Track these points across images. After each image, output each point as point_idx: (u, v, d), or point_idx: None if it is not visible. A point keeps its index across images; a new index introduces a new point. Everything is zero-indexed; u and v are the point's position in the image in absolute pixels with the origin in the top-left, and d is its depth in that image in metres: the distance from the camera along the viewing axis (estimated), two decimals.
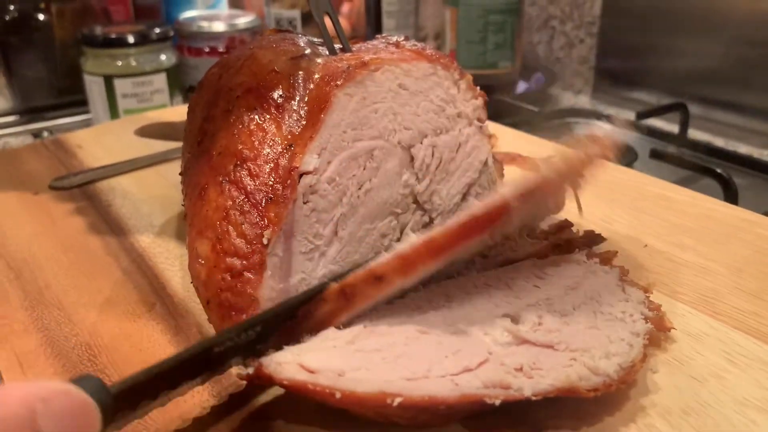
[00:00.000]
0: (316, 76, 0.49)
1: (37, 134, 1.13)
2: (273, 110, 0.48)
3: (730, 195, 0.77)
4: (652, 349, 0.42)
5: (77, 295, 0.50)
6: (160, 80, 1.04)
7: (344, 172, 0.47)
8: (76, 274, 0.53)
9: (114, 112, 1.04)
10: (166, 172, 0.71)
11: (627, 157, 0.90)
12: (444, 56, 0.55)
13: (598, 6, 1.23)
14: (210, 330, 0.46)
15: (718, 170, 0.79)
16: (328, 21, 0.55)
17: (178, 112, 0.88)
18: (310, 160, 0.45)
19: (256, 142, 0.47)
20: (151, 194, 0.66)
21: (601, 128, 1.08)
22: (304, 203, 0.45)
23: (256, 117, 0.48)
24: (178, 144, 0.77)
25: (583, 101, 1.27)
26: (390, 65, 0.50)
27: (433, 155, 0.53)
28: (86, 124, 1.15)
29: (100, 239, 0.58)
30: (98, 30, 1.04)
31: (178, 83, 1.09)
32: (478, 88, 0.57)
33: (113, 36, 1.02)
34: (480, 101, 0.56)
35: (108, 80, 1.02)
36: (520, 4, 1.17)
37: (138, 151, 0.75)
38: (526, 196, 0.41)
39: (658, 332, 0.42)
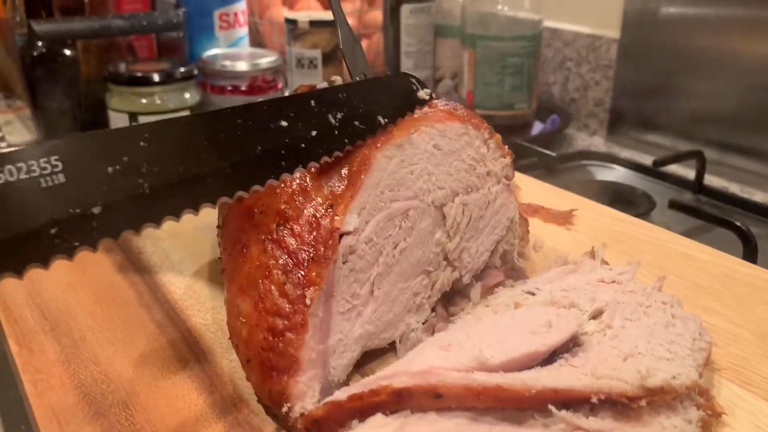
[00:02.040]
0: None
1: None
2: (314, 170, 0.49)
3: (750, 249, 0.78)
4: None
5: (113, 350, 0.51)
6: None
7: (381, 232, 0.49)
8: (111, 327, 0.54)
9: None
10: (194, 218, 0.72)
11: (645, 205, 0.91)
12: (474, 115, 0.57)
13: (613, 50, 1.25)
14: (245, 388, 0.47)
15: (738, 223, 0.80)
16: None
17: None
18: (350, 221, 0.46)
19: (298, 202, 0.48)
20: (181, 242, 0.67)
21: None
22: (344, 263, 0.46)
23: (298, 176, 0.49)
24: None
25: (598, 143, 1.28)
26: (426, 126, 0.51)
27: (463, 213, 0.55)
28: None
29: (133, 289, 0.59)
30: (124, 68, 1.06)
31: None
32: (506, 147, 0.59)
33: (139, 74, 1.04)
34: (508, 159, 0.58)
35: (133, 117, 1.04)
36: (538, 47, 1.19)
37: None
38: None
39: (710, 417, 0.43)
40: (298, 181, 0.48)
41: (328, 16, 1.21)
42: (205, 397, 0.46)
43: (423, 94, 0.53)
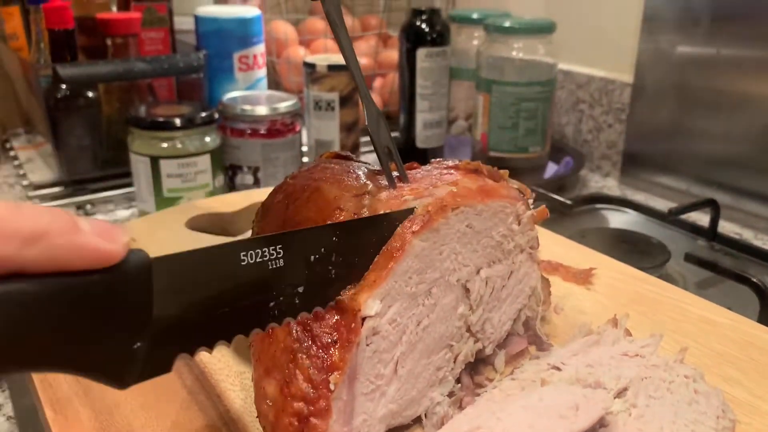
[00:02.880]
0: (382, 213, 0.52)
1: (80, 206, 1.17)
2: None
3: (767, 304, 0.79)
4: None
5: (146, 418, 0.52)
6: (204, 161, 1.08)
7: (404, 312, 0.49)
8: (143, 392, 0.55)
9: (158, 191, 1.07)
10: None
11: (661, 256, 0.92)
12: (511, 187, 0.57)
13: (627, 93, 1.26)
14: None
15: (754, 279, 0.81)
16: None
17: (227, 203, 0.91)
18: (373, 306, 0.47)
19: None
20: None
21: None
22: (367, 345, 0.47)
23: None
24: (230, 239, 0.80)
25: (611, 184, 1.30)
26: (465, 206, 0.52)
27: (486, 285, 0.56)
28: (128, 197, 1.18)
29: None
30: (144, 112, 1.08)
31: (220, 162, 1.12)
32: (541, 205, 0.59)
33: (160, 119, 1.06)
34: (535, 232, 0.59)
35: (154, 161, 1.06)
36: (552, 91, 1.21)
37: (189, 244, 0.78)
38: None
39: None
40: None
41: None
42: None
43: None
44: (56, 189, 1.21)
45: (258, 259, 0.40)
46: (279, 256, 0.41)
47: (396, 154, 0.58)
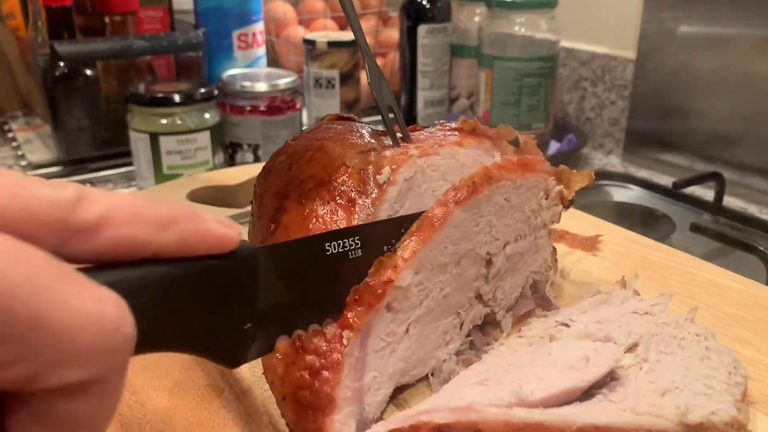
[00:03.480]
0: (386, 169, 0.51)
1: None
2: (346, 203, 0.49)
3: None
4: None
5: (148, 378, 0.51)
6: (204, 138, 1.07)
7: (431, 278, 0.49)
8: (145, 355, 0.54)
9: (158, 168, 1.06)
10: None
11: (666, 228, 0.91)
12: (544, 160, 0.57)
13: (630, 70, 1.25)
14: (280, 419, 0.47)
15: (761, 248, 0.80)
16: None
17: (227, 175, 0.90)
18: (407, 277, 0.46)
19: None
20: None
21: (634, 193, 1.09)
22: (387, 311, 0.46)
23: (329, 210, 0.49)
24: (231, 210, 0.79)
25: (614, 162, 1.29)
26: (507, 180, 0.52)
27: (507, 259, 0.55)
28: (128, 176, 1.17)
29: None
30: (144, 89, 1.07)
31: (220, 140, 1.11)
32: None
33: (159, 95, 1.05)
34: (560, 207, 0.58)
35: (153, 137, 1.05)
36: (554, 68, 1.20)
37: None
38: None
39: None
40: (330, 215, 0.49)
41: (345, 36, 1.23)
42: (242, 427, 0.47)
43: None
44: (55, 169, 1.20)
45: (340, 250, 0.43)
46: (357, 246, 0.44)
47: (399, 114, 0.57)
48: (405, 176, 0.51)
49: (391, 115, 0.56)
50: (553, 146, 1.26)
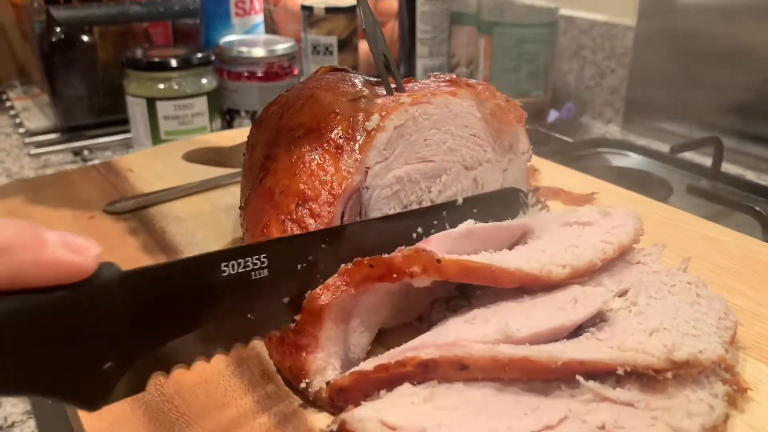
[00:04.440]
0: (375, 116, 0.51)
1: (77, 152, 1.16)
2: (333, 150, 0.50)
3: None
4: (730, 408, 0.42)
5: None
6: (201, 103, 1.07)
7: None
8: None
9: (155, 134, 1.06)
10: (216, 198, 0.73)
11: (662, 191, 0.91)
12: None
13: (630, 38, 1.24)
14: (270, 362, 0.48)
15: (757, 208, 0.80)
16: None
17: (223, 137, 0.90)
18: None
19: (317, 182, 0.48)
20: (203, 221, 0.68)
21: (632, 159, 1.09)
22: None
23: (317, 157, 0.49)
24: (226, 171, 0.79)
25: (613, 131, 1.28)
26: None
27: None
28: (126, 143, 1.17)
29: None
30: (141, 53, 1.07)
31: (218, 106, 1.11)
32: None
33: (156, 60, 1.05)
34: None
35: (150, 102, 1.05)
36: (554, 35, 1.19)
37: (187, 177, 0.77)
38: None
39: (735, 393, 0.43)
40: (317, 161, 0.49)
41: (343, 2, 1.22)
42: (233, 369, 0.47)
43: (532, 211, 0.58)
44: (52, 136, 1.20)
45: (240, 270, 0.38)
46: (263, 265, 0.39)
47: (392, 64, 0.57)
48: (395, 123, 0.51)
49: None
50: (552, 114, 1.26)
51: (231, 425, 0.42)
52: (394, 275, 0.42)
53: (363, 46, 1.26)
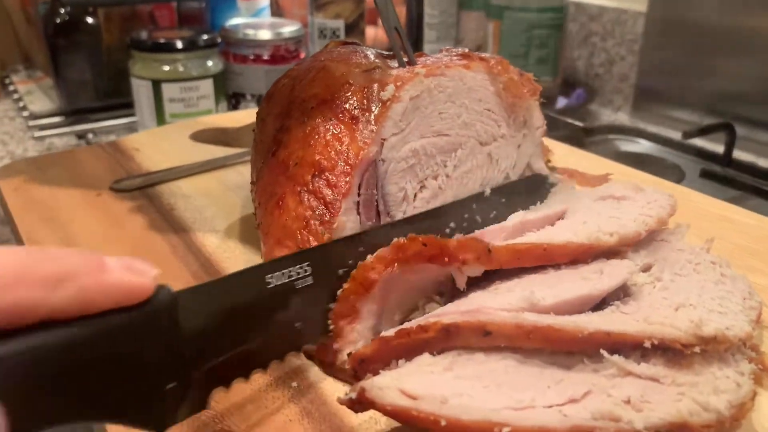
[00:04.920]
0: (390, 86, 0.49)
1: (81, 135, 1.15)
2: (349, 120, 0.48)
3: None
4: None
5: None
6: (207, 86, 1.06)
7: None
8: None
9: (160, 116, 1.05)
10: (224, 177, 0.72)
11: (675, 176, 0.90)
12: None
13: (640, 24, 1.23)
14: None
15: None
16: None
17: (230, 119, 0.89)
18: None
19: (333, 153, 0.47)
20: (212, 199, 0.67)
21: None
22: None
23: (332, 128, 0.48)
24: (233, 150, 0.78)
25: (623, 118, 1.27)
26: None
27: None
28: (130, 127, 1.16)
29: (167, 242, 0.59)
30: (146, 35, 1.06)
31: (223, 89, 1.10)
32: None
33: (162, 41, 1.03)
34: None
35: (156, 84, 1.04)
36: (564, 19, 1.17)
37: (193, 156, 0.76)
38: None
39: (761, 372, 0.42)
40: (332, 131, 0.48)
41: None
42: None
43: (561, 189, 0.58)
44: (56, 119, 1.19)
45: (285, 280, 0.38)
46: (307, 274, 0.39)
47: (405, 37, 0.55)
48: (411, 94, 0.50)
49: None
50: (561, 101, 1.24)
51: (245, 399, 0.41)
52: (446, 258, 0.42)
53: (370, 30, 1.25)
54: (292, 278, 0.39)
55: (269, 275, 0.38)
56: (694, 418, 0.35)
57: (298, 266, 0.39)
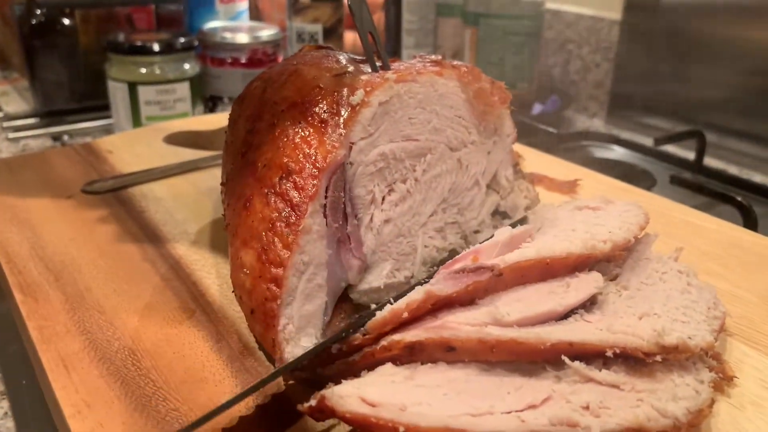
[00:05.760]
0: (360, 91, 0.50)
1: (57, 137, 1.14)
2: (318, 124, 0.49)
3: (750, 223, 0.78)
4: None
5: (118, 300, 0.51)
6: (183, 89, 1.05)
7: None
8: (116, 279, 0.53)
9: (136, 119, 1.05)
10: (196, 180, 0.72)
11: (646, 182, 0.91)
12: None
13: (615, 31, 1.25)
14: (250, 337, 0.47)
15: (739, 198, 0.80)
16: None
17: (205, 122, 0.89)
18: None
19: (301, 156, 0.47)
20: (184, 202, 0.67)
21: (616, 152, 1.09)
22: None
23: (301, 131, 0.49)
24: (207, 153, 0.78)
25: (598, 125, 1.29)
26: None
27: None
28: (106, 129, 1.15)
29: (136, 245, 0.59)
30: (123, 37, 1.05)
31: (200, 92, 1.10)
32: None
33: (139, 43, 1.03)
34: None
35: (132, 87, 1.03)
36: (540, 27, 1.19)
37: (167, 159, 0.76)
38: None
39: (721, 380, 0.43)
40: (301, 134, 0.48)
41: None
42: (212, 345, 0.46)
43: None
44: (31, 120, 1.18)
45: None
46: None
47: (379, 41, 0.56)
48: (380, 99, 0.50)
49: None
50: (537, 107, 1.26)
51: (210, 401, 0.41)
52: (458, 304, 0.42)
53: (348, 34, 1.25)
54: None
55: None
56: (651, 423, 0.36)
57: None
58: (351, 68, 0.53)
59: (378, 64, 0.55)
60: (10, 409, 0.57)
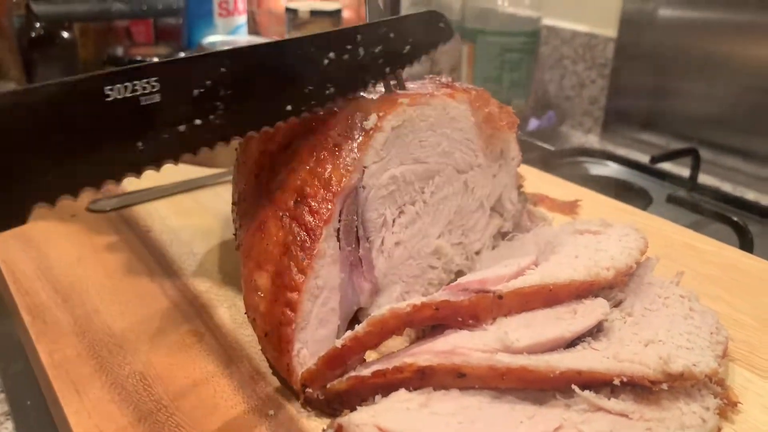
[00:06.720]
0: (373, 115, 0.50)
1: None
2: (332, 147, 0.49)
3: (746, 243, 0.79)
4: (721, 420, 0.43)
5: (126, 323, 0.51)
6: None
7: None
8: (123, 300, 0.54)
9: None
10: (202, 198, 0.72)
11: (642, 200, 0.92)
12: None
13: (610, 48, 1.26)
14: (261, 361, 0.47)
15: (735, 218, 0.81)
16: None
17: None
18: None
19: (316, 179, 0.48)
20: (189, 221, 0.67)
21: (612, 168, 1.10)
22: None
23: (315, 154, 0.49)
24: (212, 171, 0.79)
25: (592, 141, 1.30)
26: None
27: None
28: None
29: (143, 265, 0.59)
30: (123, 51, 1.05)
31: None
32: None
33: (138, 58, 1.03)
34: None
35: None
36: (536, 44, 1.20)
37: (171, 176, 0.76)
38: None
39: (726, 406, 0.43)
40: (315, 157, 0.49)
41: (328, 6, 1.21)
42: (222, 369, 0.46)
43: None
44: None
45: (128, 94, 0.35)
46: (154, 90, 0.36)
47: None
48: (393, 124, 0.51)
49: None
50: (533, 123, 1.27)
51: (223, 427, 0.42)
52: (460, 318, 0.43)
53: None
54: (137, 93, 0.35)
55: (109, 86, 0.35)
56: None
57: (144, 80, 0.36)
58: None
59: (393, 82, 0.55)
60: (15, 430, 0.57)
